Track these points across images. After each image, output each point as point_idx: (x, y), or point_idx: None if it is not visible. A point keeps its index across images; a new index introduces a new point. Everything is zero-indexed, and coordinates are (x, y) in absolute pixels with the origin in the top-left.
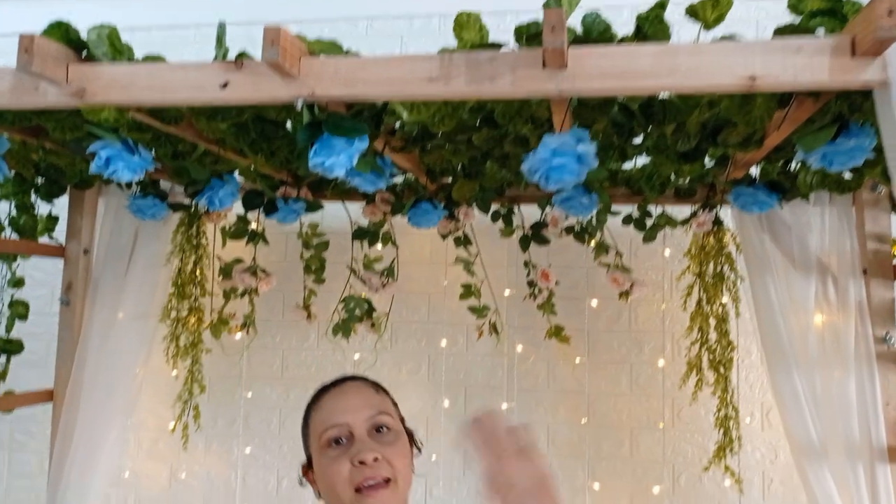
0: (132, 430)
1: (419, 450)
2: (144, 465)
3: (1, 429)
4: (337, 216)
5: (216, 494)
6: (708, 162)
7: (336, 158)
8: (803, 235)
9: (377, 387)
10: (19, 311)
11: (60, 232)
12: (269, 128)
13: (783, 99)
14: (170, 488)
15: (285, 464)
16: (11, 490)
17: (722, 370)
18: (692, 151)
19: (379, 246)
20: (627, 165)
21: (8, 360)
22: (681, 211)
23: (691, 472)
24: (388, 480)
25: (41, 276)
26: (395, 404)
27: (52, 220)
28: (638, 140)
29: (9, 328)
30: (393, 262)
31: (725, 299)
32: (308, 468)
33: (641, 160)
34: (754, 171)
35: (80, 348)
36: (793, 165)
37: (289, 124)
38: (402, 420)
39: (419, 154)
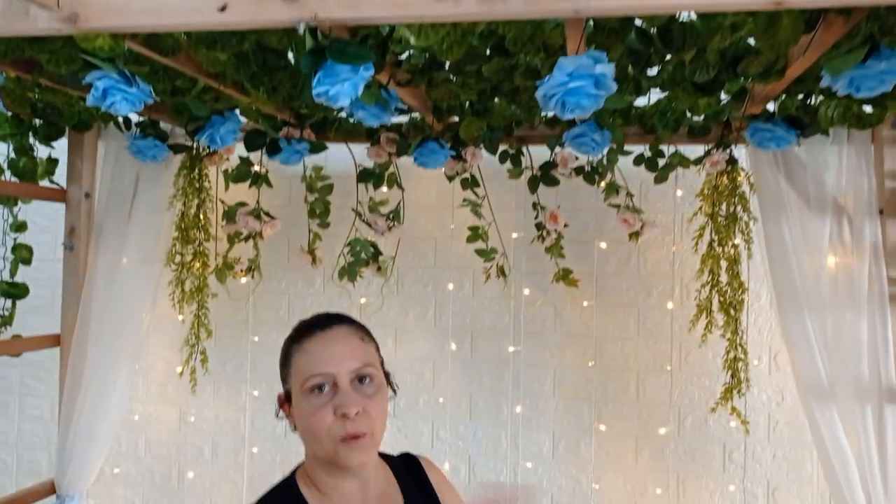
0: (141, 374)
1: (395, 392)
2: (154, 408)
3: (10, 374)
4: (341, 159)
5: (225, 437)
6: (724, 97)
7: (340, 87)
8: (819, 174)
9: (362, 332)
10: (23, 255)
11: (61, 176)
12: (271, 58)
13: (810, 21)
14: (179, 431)
15: None
16: (23, 434)
17: (732, 312)
18: (710, 83)
19: (384, 189)
20: (640, 102)
21: (13, 305)
22: (693, 151)
23: (697, 415)
24: (364, 434)
25: (43, 222)
26: (377, 348)
27: (52, 163)
28: (653, 72)
29: (13, 273)
30: (399, 205)
31: (738, 240)
32: (285, 401)
33: (655, 96)
34: (772, 106)
35: (86, 293)
36: (813, 99)
37: (291, 56)
38: (382, 362)
39: (426, 89)
